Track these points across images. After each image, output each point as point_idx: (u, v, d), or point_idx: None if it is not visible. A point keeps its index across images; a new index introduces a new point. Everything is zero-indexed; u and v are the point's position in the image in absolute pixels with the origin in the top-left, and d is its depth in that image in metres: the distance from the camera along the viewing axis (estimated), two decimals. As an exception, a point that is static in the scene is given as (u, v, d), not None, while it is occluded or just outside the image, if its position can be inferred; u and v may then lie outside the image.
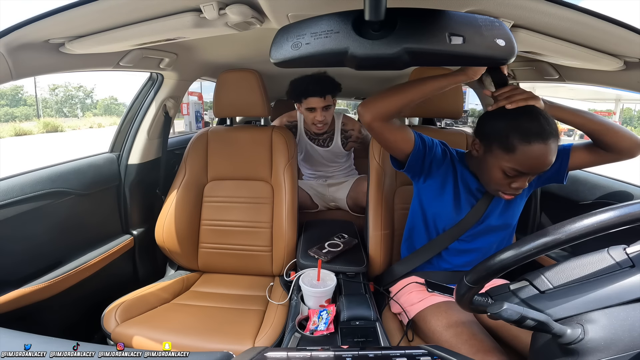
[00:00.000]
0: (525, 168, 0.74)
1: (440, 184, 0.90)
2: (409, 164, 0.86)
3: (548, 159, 0.72)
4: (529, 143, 0.71)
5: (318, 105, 1.40)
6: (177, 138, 1.82)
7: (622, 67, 0.79)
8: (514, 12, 0.61)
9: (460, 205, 0.89)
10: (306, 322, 0.81)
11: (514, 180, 0.77)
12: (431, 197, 0.92)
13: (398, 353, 0.47)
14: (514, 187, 0.77)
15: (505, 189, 0.79)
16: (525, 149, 0.71)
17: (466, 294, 0.53)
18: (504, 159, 0.75)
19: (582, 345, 0.42)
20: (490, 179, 0.81)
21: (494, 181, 0.80)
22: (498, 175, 0.78)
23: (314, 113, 1.42)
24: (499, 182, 0.79)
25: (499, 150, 0.76)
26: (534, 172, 0.75)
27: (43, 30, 0.71)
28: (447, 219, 0.90)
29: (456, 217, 0.89)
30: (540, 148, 0.71)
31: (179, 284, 1.17)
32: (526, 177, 0.76)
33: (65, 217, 1.06)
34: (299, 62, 0.44)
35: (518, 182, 0.77)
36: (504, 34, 0.43)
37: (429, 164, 0.88)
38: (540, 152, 0.71)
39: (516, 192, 0.79)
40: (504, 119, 0.75)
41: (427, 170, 0.89)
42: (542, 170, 0.75)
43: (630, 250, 0.48)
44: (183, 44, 1.16)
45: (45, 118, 19.27)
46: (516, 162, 0.74)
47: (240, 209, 1.26)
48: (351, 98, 3.54)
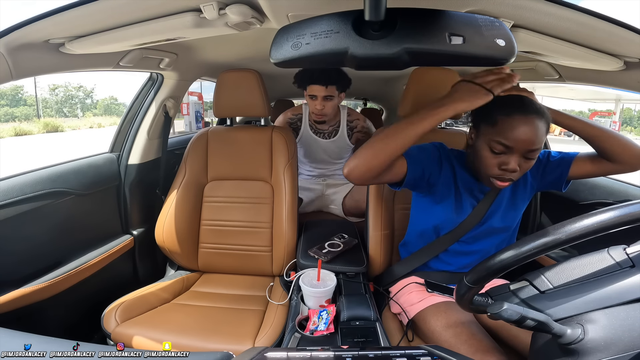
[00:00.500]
0: (509, 140, 0.73)
1: (441, 190, 0.88)
2: (406, 184, 0.83)
3: (530, 132, 0.71)
4: (509, 115, 0.72)
5: (319, 94, 1.40)
6: (177, 138, 1.81)
7: (622, 67, 0.79)
8: (514, 12, 0.61)
9: (462, 207, 0.88)
10: (306, 322, 0.81)
11: (502, 160, 0.75)
12: (432, 203, 0.91)
13: (398, 353, 0.47)
14: (503, 168, 0.75)
15: (495, 172, 0.77)
16: (505, 120, 0.72)
17: (466, 294, 0.53)
18: (489, 133, 0.75)
19: (582, 345, 0.42)
20: (480, 162, 0.79)
21: (484, 164, 0.78)
22: (486, 154, 0.77)
23: (315, 101, 1.42)
24: (488, 163, 0.77)
25: (485, 126, 0.77)
26: (518, 146, 0.73)
27: (43, 30, 0.71)
28: (448, 222, 0.90)
29: (457, 219, 0.89)
30: (521, 120, 0.71)
31: (179, 284, 1.17)
32: (513, 156, 0.74)
33: (65, 217, 1.06)
34: (299, 62, 0.44)
35: (507, 161, 0.74)
36: (504, 34, 0.43)
37: (427, 179, 0.85)
38: (520, 124, 0.71)
39: (506, 175, 0.76)
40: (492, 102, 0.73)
41: (426, 184, 0.86)
42: (527, 146, 0.72)
43: (630, 250, 0.48)
44: (183, 44, 1.16)
45: (45, 118, 19.26)
46: (499, 134, 0.73)
47: (240, 209, 1.26)
48: (351, 98, 3.54)
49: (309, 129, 1.60)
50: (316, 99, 1.42)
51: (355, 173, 0.74)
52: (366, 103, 3.40)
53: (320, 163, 1.69)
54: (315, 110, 1.45)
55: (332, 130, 1.60)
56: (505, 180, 0.77)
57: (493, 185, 0.79)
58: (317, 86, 1.39)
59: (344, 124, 1.59)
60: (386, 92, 2.65)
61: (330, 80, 1.38)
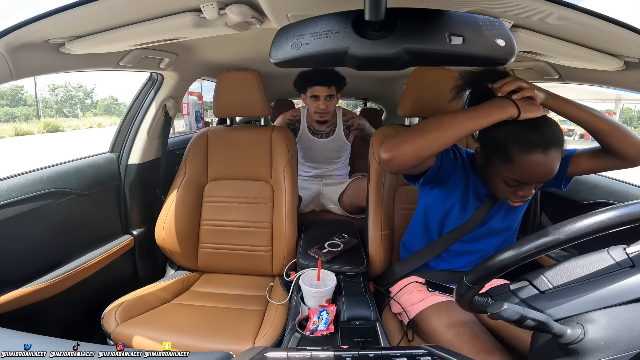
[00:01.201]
0: (525, 179, 0.71)
1: (449, 189, 0.88)
2: (425, 179, 0.81)
3: (549, 168, 0.69)
4: (527, 153, 0.67)
5: (322, 94, 1.48)
6: (177, 138, 1.81)
7: (622, 67, 0.79)
8: (514, 12, 0.61)
9: (467, 207, 0.88)
10: (306, 322, 0.81)
11: (518, 189, 0.75)
12: (438, 202, 0.90)
13: (398, 353, 0.47)
14: (520, 195, 0.75)
15: (511, 197, 0.77)
16: (523, 160, 0.68)
17: (466, 294, 0.53)
18: (504, 169, 0.73)
19: (582, 345, 0.42)
20: (495, 189, 0.80)
21: (498, 191, 0.79)
22: (501, 185, 0.76)
23: (317, 101, 1.50)
24: (503, 191, 0.77)
25: (499, 160, 0.73)
26: (535, 182, 0.73)
27: (43, 30, 0.71)
28: (452, 222, 0.90)
29: (461, 219, 0.89)
30: (539, 158, 0.67)
31: (179, 284, 1.17)
32: (530, 186, 0.74)
33: (65, 217, 1.06)
34: (299, 62, 0.44)
35: (522, 190, 0.74)
36: (504, 34, 0.43)
37: (442, 174, 0.83)
38: (539, 163, 0.67)
39: (523, 200, 0.77)
40: (502, 126, 0.69)
41: (438, 181, 0.85)
42: (544, 180, 0.72)
43: (630, 250, 0.48)
44: (183, 44, 1.16)
45: (45, 118, 19.26)
46: (515, 173, 0.71)
47: (240, 209, 1.26)
48: (351, 98, 3.53)
49: (307, 130, 1.66)
50: (319, 99, 1.50)
51: (400, 159, 0.69)
52: (366, 103, 3.40)
53: (317, 163, 1.73)
54: (319, 110, 1.52)
55: (329, 130, 1.66)
56: (520, 202, 0.78)
57: (509, 203, 0.80)
58: (320, 87, 1.48)
59: (340, 123, 1.66)
60: (386, 92, 2.65)
61: (332, 80, 1.48)
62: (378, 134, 1.16)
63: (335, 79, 1.48)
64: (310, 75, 1.48)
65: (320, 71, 1.46)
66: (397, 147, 0.68)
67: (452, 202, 0.88)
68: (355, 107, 7.38)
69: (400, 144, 0.69)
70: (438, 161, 0.79)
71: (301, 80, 1.52)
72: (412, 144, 0.68)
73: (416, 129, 0.70)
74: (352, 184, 1.59)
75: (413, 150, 0.68)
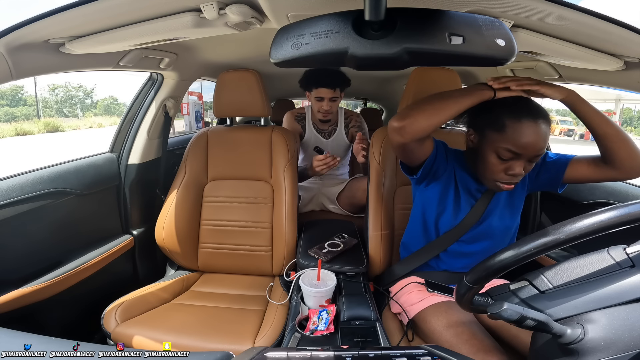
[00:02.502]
0: (518, 147, 0.73)
1: (443, 187, 0.90)
2: (423, 172, 0.85)
3: (539, 137, 0.72)
4: (519, 120, 0.72)
5: (326, 96, 1.52)
6: (177, 138, 1.82)
7: (622, 67, 0.79)
8: (514, 12, 0.61)
9: (460, 206, 0.89)
10: (306, 322, 0.81)
11: (509, 166, 0.76)
12: (433, 200, 0.91)
13: (398, 353, 0.47)
14: (510, 173, 0.76)
15: (501, 177, 0.78)
16: (516, 126, 0.72)
17: (466, 294, 0.53)
18: (497, 140, 0.76)
19: (582, 345, 0.42)
20: (486, 168, 0.80)
21: (489, 169, 0.79)
22: (493, 160, 0.78)
23: (321, 102, 1.55)
24: (494, 169, 0.78)
25: (492, 132, 0.77)
26: (527, 152, 0.74)
27: (43, 30, 0.71)
28: (447, 221, 0.90)
29: (456, 218, 0.89)
30: (531, 125, 0.72)
31: (179, 284, 1.17)
32: (521, 161, 0.75)
33: (65, 217, 1.06)
34: (299, 62, 0.44)
35: (513, 166, 0.76)
36: (504, 34, 0.43)
37: (436, 169, 0.87)
38: (530, 130, 0.72)
39: (513, 180, 0.78)
40: (494, 104, 0.75)
41: (432, 175, 0.88)
42: (535, 151, 0.74)
43: (630, 250, 0.48)
44: (183, 44, 1.16)
45: (45, 118, 19.25)
46: (508, 141, 0.74)
47: (240, 209, 1.26)
48: (351, 98, 3.53)
49: (312, 128, 1.69)
50: (323, 101, 1.54)
51: (412, 126, 0.73)
52: (366, 103, 3.40)
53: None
54: (323, 111, 1.57)
55: (332, 130, 1.70)
56: (511, 184, 0.79)
57: (498, 188, 0.81)
58: (325, 89, 1.50)
59: (341, 123, 1.69)
60: (386, 92, 2.65)
61: (337, 83, 1.50)
62: (378, 134, 1.17)
63: (340, 81, 1.50)
64: (316, 76, 1.50)
65: (326, 73, 1.49)
66: (408, 115, 0.74)
67: (446, 200, 0.90)
68: (355, 107, 7.37)
69: (411, 112, 0.74)
70: (434, 150, 0.83)
71: (307, 79, 1.55)
72: (421, 112, 0.74)
73: (420, 101, 0.76)
74: (350, 183, 1.60)
75: (423, 117, 0.74)
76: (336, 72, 1.51)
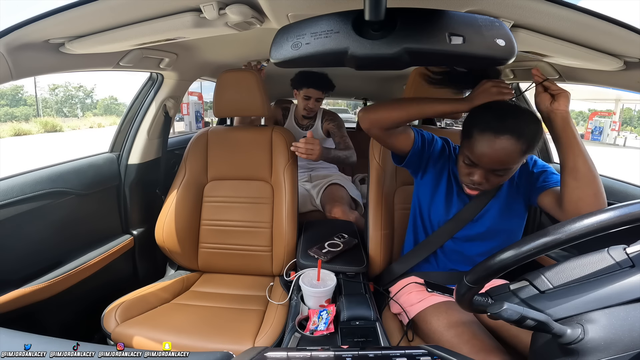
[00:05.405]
0: (473, 156, 0.75)
1: (435, 179, 0.93)
2: (408, 161, 0.90)
3: (495, 151, 0.70)
4: (482, 131, 0.72)
5: (314, 96, 1.72)
6: (177, 138, 1.82)
7: (622, 67, 0.78)
8: (514, 12, 0.61)
9: (453, 200, 0.91)
10: (306, 322, 0.81)
11: (470, 171, 0.78)
12: (427, 193, 0.94)
13: (398, 353, 0.47)
14: (470, 179, 0.79)
15: (465, 180, 0.81)
16: (477, 136, 0.73)
17: (466, 294, 0.53)
18: (463, 145, 0.79)
19: (582, 345, 0.42)
20: (457, 168, 0.84)
21: (459, 170, 0.83)
22: (460, 162, 0.81)
23: (308, 101, 1.74)
24: (461, 171, 0.82)
25: (463, 136, 0.79)
26: (481, 163, 0.74)
27: (43, 30, 0.71)
28: (439, 213, 0.92)
29: (448, 212, 0.91)
30: (489, 140, 0.71)
31: (179, 284, 1.17)
32: (480, 170, 0.76)
33: (65, 217, 1.06)
34: (299, 62, 0.44)
35: (473, 173, 0.78)
36: (504, 34, 0.43)
37: (427, 160, 0.91)
38: (486, 144, 0.71)
39: (474, 186, 0.79)
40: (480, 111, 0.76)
41: (424, 166, 0.92)
42: (491, 165, 0.73)
43: (630, 250, 0.48)
44: (183, 44, 1.16)
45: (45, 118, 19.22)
46: (468, 148, 0.76)
47: (240, 209, 1.26)
48: (351, 98, 3.53)
49: (293, 121, 1.90)
50: (310, 100, 1.73)
51: (371, 117, 0.83)
52: (366, 103, 3.40)
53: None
54: (308, 108, 1.76)
55: (309, 125, 1.89)
56: (472, 189, 0.81)
57: (465, 190, 0.84)
58: (314, 90, 1.69)
59: (319, 119, 1.90)
60: (386, 92, 2.65)
61: (325, 86, 1.71)
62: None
63: (327, 85, 1.71)
64: (309, 78, 1.67)
65: (317, 77, 1.67)
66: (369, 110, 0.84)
67: (437, 192, 0.93)
68: (355, 107, 7.37)
69: (371, 108, 0.84)
70: (417, 143, 0.87)
71: (299, 79, 1.69)
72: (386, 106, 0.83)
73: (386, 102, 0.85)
74: (326, 191, 1.64)
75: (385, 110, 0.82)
76: (325, 77, 1.70)
